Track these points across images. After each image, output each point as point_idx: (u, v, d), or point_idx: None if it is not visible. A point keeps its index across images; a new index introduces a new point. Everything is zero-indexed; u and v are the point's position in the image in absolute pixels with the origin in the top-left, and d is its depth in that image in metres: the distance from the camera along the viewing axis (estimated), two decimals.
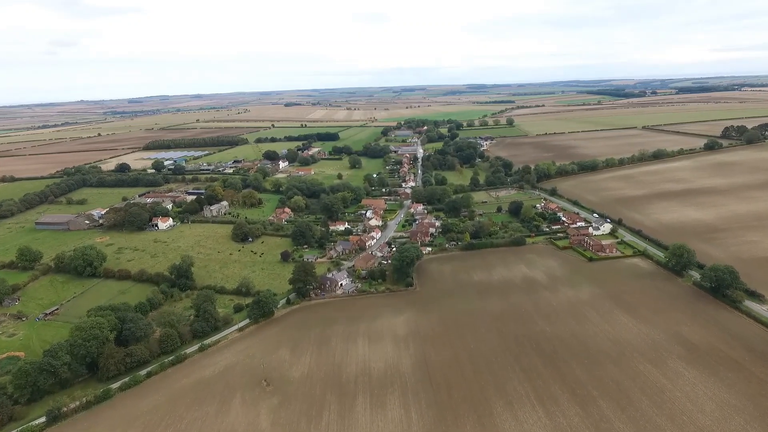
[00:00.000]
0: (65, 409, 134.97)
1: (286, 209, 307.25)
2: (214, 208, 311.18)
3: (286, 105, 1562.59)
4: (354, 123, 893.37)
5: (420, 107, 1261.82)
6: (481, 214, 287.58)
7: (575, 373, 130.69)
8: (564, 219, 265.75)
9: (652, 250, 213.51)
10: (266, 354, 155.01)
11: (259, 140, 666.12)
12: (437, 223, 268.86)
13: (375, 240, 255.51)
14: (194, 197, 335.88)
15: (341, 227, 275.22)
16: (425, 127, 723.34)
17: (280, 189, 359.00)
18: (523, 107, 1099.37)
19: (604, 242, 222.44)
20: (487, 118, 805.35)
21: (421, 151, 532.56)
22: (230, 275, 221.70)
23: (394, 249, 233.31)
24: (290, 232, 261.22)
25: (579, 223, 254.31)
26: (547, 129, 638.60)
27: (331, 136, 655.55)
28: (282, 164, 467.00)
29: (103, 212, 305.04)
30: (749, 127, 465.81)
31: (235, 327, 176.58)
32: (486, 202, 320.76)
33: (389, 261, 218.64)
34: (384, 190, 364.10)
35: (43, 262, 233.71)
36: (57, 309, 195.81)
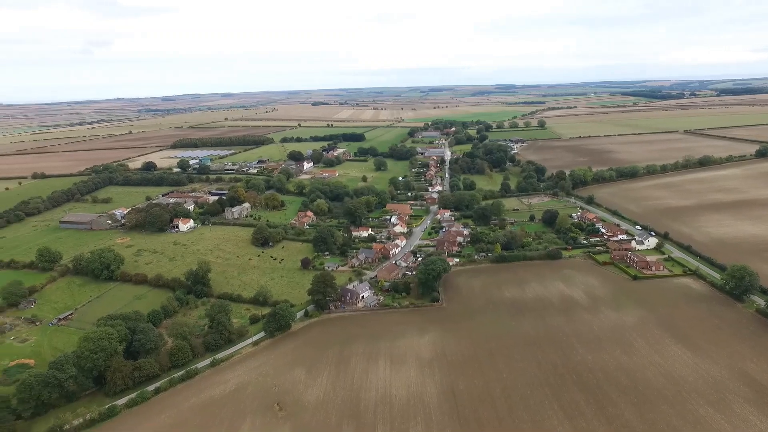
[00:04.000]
0: (68, 426, 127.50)
1: (309, 213, 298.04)
2: (236, 210, 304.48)
3: (314, 104, 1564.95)
4: (380, 123, 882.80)
5: (448, 107, 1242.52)
6: (512, 223, 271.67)
7: (624, 415, 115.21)
8: (603, 231, 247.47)
9: (704, 269, 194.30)
10: (280, 373, 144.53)
11: (284, 140, 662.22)
12: (465, 232, 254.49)
13: (399, 248, 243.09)
14: (216, 198, 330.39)
15: (364, 233, 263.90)
16: (453, 128, 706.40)
17: (303, 191, 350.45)
18: (554, 108, 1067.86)
19: (649, 258, 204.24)
20: (517, 120, 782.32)
21: (449, 153, 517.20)
22: (248, 282, 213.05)
23: (420, 259, 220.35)
24: (312, 237, 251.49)
25: (620, 236, 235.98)
26: (581, 132, 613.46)
27: (357, 137, 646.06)
28: (306, 165, 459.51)
29: (125, 212, 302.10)
30: None
31: (250, 340, 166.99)
32: (517, 209, 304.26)
33: (414, 273, 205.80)
34: (410, 194, 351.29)
35: (63, 263, 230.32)
36: (71, 314, 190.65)
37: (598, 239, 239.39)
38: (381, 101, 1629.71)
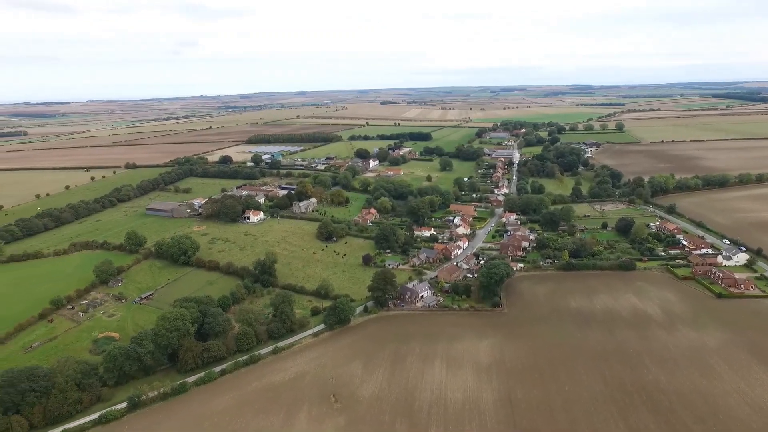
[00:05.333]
0: (144, 397, 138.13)
1: (372, 210, 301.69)
2: (303, 204, 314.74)
3: (382, 103, 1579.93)
4: (448, 123, 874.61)
5: (518, 108, 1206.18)
6: (582, 230, 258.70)
7: None
8: (685, 243, 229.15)
9: None
10: (338, 366, 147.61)
11: (352, 138, 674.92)
12: (531, 237, 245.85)
13: (461, 250, 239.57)
14: (285, 192, 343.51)
15: (426, 233, 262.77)
16: (523, 130, 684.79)
17: (368, 189, 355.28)
18: (634, 111, 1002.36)
19: (737, 276, 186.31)
20: (592, 122, 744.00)
21: (518, 155, 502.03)
22: (311, 275, 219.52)
23: (482, 262, 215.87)
24: (374, 234, 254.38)
25: (704, 250, 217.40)
26: (664, 136, 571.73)
27: (424, 136, 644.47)
28: (372, 163, 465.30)
29: (202, 202, 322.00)
30: None
31: (311, 331, 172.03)
32: (589, 216, 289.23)
33: (475, 275, 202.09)
34: (474, 195, 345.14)
35: (147, 247, 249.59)
36: (152, 294, 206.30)
37: (679, 252, 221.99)
38: (449, 101, 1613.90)
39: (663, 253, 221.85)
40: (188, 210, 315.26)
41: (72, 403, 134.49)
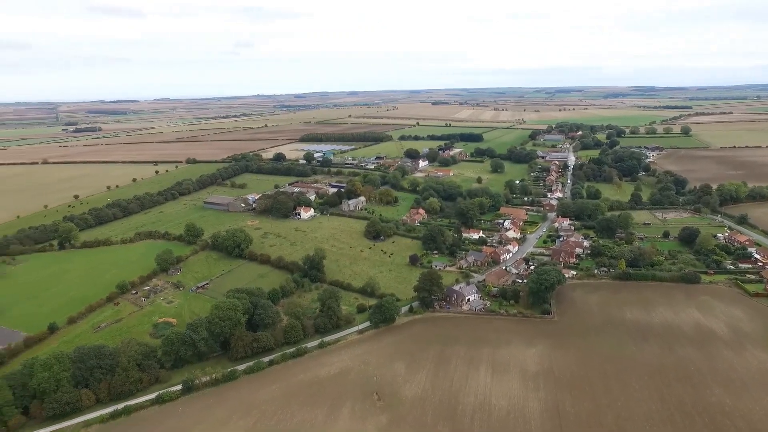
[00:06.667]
0: (197, 381, 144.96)
1: (420, 210, 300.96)
2: (352, 202, 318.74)
3: (433, 103, 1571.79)
4: (500, 124, 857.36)
5: (575, 110, 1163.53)
6: (641, 238, 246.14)
7: None
8: (758, 257, 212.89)
9: None
10: (382, 364, 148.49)
11: (402, 138, 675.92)
12: (586, 243, 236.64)
13: (511, 254, 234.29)
14: (335, 190, 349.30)
15: (475, 235, 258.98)
16: (579, 132, 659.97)
17: (417, 189, 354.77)
18: (702, 114, 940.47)
19: None
20: (655, 125, 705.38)
21: (573, 158, 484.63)
22: (358, 273, 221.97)
23: (533, 268, 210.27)
24: (422, 235, 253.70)
25: None
26: (736, 141, 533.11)
27: (475, 137, 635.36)
28: (422, 163, 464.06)
29: (256, 197, 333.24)
30: None
31: (356, 328, 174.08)
32: (649, 224, 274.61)
33: (525, 281, 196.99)
34: (526, 199, 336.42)
35: (204, 239, 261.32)
36: (207, 283, 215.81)
37: (750, 266, 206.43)
38: (502, 102, 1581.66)
39: (731, 267, 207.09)
40: (243, 204, 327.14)
41: (133, 381, 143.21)
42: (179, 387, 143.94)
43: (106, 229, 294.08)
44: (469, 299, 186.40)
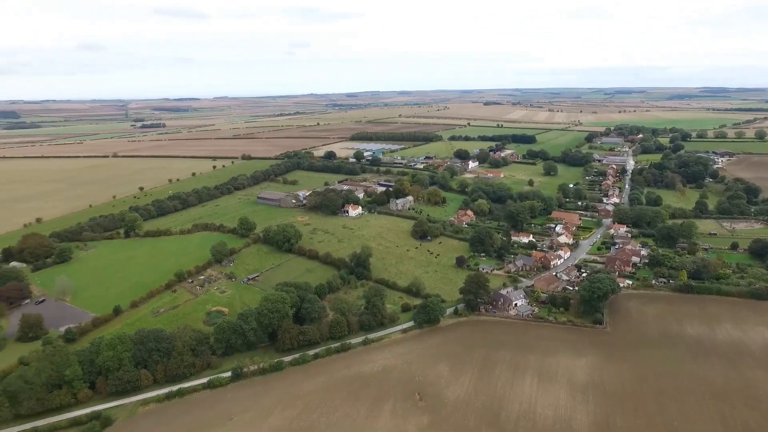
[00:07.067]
0: (246, 370, 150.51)
1: (469, 212, 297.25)
2: (400, 201, 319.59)
3: (485, 104, 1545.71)
4: (555, 126, 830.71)
5: (636, 112, 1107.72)
6: (706, 249, 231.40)
7: None
8: None
9: None
10: (425, 364, 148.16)
11: (452, 138, 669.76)
12: (643, 252, 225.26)
13: (562, 260, 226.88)
14: (383, 189, 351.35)
15: (524, 239, 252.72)
16: (640, 135, 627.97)
17: (466, 190, 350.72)
18: None
19: None
20: (725, 129, 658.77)
21: (632, 162, 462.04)
22: (404, 272, 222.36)
23: (585, 275, 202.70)
24: (469, 236, 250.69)
25: None
26: None
27: (527, 139, 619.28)
28: (471, 164, 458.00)
29: (306, 194, 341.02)
30: None
31: (400, 327, 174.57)
32: (715, 234, 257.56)
33: (576, 288, 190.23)
34: (580, 203, 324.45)
35: (256, 232, 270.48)
36: (258, 276, 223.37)
37: None
38: (558, 103, 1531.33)
39: None
40: (293, 201, 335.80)
41: (187, 365, 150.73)
42: (229, 374, 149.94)
43: (167, 220, 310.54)
44: (516, 304, 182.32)
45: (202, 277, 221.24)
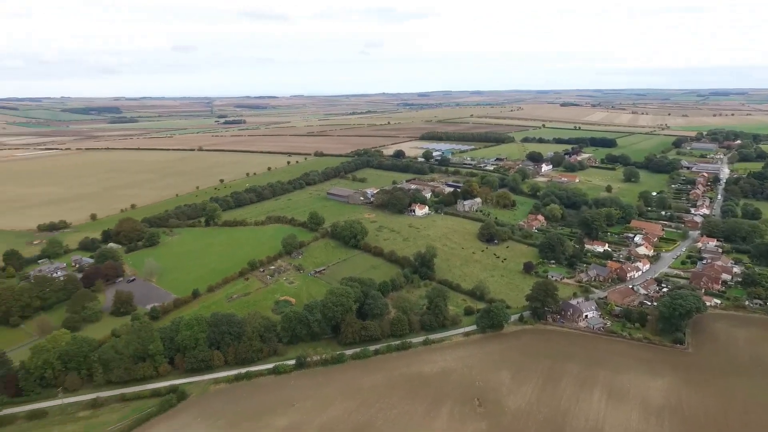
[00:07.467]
0: (309, 359, 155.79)
1: (539, 216, 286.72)
2: (467, 203, 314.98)
3: (562, 105, 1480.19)
4: (638, 129, 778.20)
5: (734, 116, 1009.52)
6: None
7: None
8: None
9: None
10: (486, 370, 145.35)
11: (525, 140, 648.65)
12: (736, 269, 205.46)
13: (640, 272, 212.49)
14: (451, 190, 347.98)
15: (599, 248, 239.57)
16: (738, 141, 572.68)
17: (537, 194, 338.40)
18: None
19: None
20: None
21: (727, 171, 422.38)
22: (468, 274, 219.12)
23: (666, 290, 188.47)
24: (539, 242, 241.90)
25: None
26: None
27: (607, 143, 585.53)
28: (545, 167, 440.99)
29: (374, 192, 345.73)
30: None
31: (461, 330, 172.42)
32: None
33: (655, 304, 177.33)
34: (663, 213, 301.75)
35: (324, 227, 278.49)
36: (324, 269, 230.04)
37: None
38: (642, 105, 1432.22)
39: None
40: (361, 198, 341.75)
41: (255, 350, 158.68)
42: (293, 362, 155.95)
43: (243, 211, 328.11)
44: (586, 316, 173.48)
45: (273, 267, 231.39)
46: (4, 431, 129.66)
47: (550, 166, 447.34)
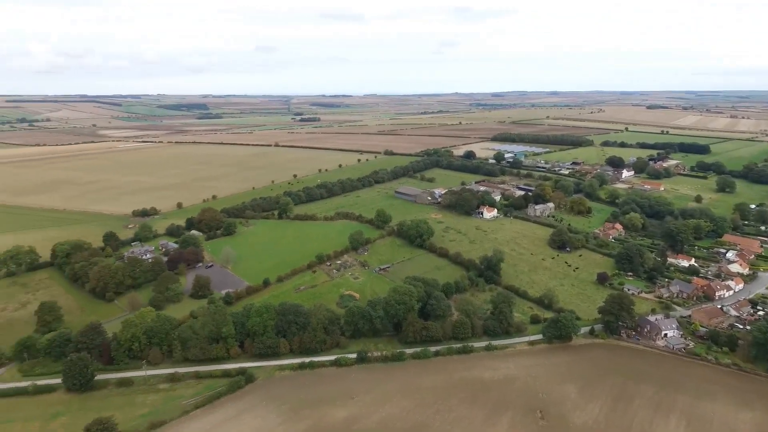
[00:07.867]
0: (370, 355, 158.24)
1: (617, 225, 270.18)
2: (539, 207, 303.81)
3: (648, 107, 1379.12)
4: (737, 135, 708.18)
5: None
6: None
7: None
8: None
9: None
10: (550, 381, 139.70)
11: (605, 143, 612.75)
12: None
13: (731, 292, 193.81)
14: (522, 193, 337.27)
15: (684, 263, 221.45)
16: None
17: (616, 201, 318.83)
18: None
19: None
20: None
21: None
22: (536, 281, 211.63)
23: (762, 313, 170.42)
24: (615, 252, 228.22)
25: None
26: None
27: (699, 149, 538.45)
28: (625, 173, 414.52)
29: (442, 192, 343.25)
30: None
31: (526, 338, 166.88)
32: None
33: (748, 327, 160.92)
34: (763, 228, 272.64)
35: (390, 225, 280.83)
36: (389, 267, 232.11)
37: None
38: (743, 108, 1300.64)
39: None
40: (429, 198, 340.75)
41: (319, 341, 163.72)
42: (354, 355, 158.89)
43: (314, 206, 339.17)
44: (666, 334, 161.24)
45: (339, 261, 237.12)
46: (98, 394, 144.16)
47: (632, 173, 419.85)
